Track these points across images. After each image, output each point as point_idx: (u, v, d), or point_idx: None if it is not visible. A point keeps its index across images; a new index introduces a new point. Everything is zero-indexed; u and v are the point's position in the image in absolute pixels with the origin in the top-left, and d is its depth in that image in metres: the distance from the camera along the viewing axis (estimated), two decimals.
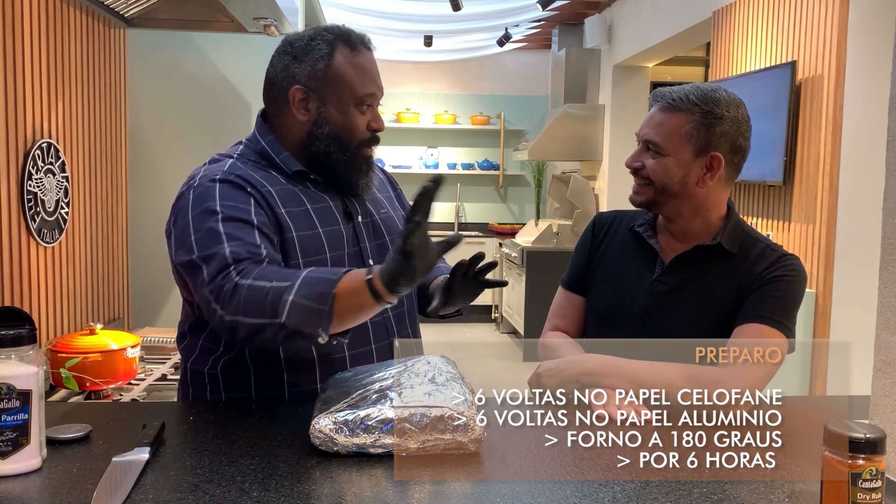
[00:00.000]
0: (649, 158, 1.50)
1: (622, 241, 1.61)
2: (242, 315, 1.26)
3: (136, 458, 1.11)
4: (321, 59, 1.46)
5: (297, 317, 1.24)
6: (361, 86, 1.47)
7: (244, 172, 1.44)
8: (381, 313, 1.49)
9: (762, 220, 3.76)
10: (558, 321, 1.63)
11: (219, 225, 1.34)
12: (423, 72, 7.73)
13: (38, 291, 2.63)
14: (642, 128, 1.52)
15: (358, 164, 1.51)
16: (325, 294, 1.24)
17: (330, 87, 1.46)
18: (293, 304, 1.23)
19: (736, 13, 4.05)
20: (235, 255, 1.30)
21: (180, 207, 1.41)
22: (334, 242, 1.46)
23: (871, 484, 0.96)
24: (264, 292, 1.25)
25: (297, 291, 1.24)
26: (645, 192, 1.52)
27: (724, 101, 1.48)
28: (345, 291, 1.25)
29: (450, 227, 7.78)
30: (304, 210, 1.46)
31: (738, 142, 1.49)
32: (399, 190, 1.75)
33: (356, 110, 1.48)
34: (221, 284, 1.28)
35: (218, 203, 1.37)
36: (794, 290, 1.48)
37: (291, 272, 1.29)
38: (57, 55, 2.75)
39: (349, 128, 1.48)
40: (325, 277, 1.26)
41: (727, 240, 1.51)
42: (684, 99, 1.47)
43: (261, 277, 1.27)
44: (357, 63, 1.47)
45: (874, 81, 2.96)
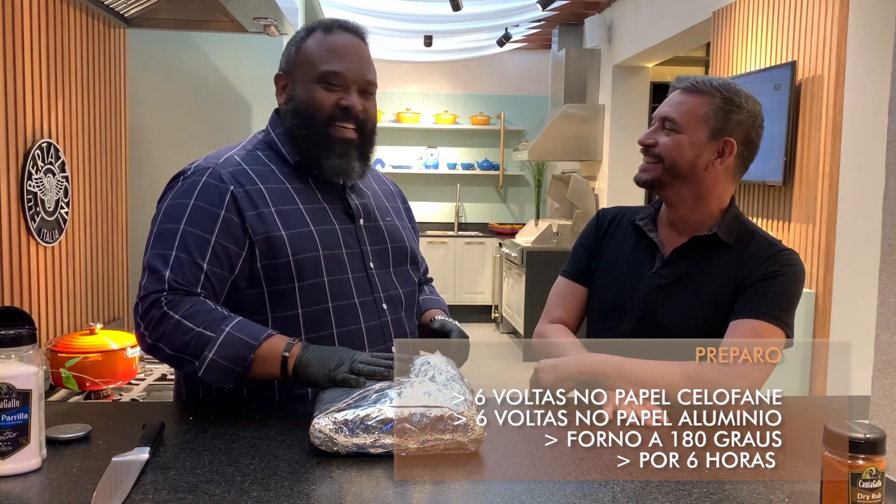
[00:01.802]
0: (663, 136, 1.51)
1: (624, 236, 1.61)
2: (164, 344, 1.35)
3: (136, 458, 1.11)
4: (295, 44, 1.51)
5: (214, 373, 1.32)
6: (323, 62, 1.47)
7: (238, 168, 1.45)
8: (377, 317, 1.49)
9: (762, 220, 3.76)
10: (558, 312, 1.63)
11: (177, 234, 1.38)
12: (423, 72, 7.73)
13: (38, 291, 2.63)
14: (661, 108, 1.54)
15: (329, 143, 1.48)
16: (242, 357, 1.32)
17: (297, 66, 1.50)
18: (211, 361, 1.31)
19: (736, 13, 4.05)
20: (172, 284, 1.35)
21: (168, 188, 1.47)
22: (328, 242, 1.46)
23: (871, 484, 0.96)
24: (190, 336, 1.32)
25: (218, 350, 1.31)
26: (652, 169, 1.52)
27: (744, 94, 1.51)
28: (261, 358, 1.32)
29: (450, 227, 7.79)
30: (296, 209, 1.46)
31: (750, 135, 1.51)
32: (408, 206, 1.74)
33: (319, 87, 1.47)
34: (150, 309, 1.34)
35: (191, 205, 1.40)
36: (792, 285, 1.48)
37: (218, 319, 1.34)
38: (57, 55, 2.75)
39: (311, 104, 1.47)
40: (245, 341, 1.32)
41: (724, 231, 1.51)
42: (707, 83, 1.50)
43: (189, 317, 1.33)
44: (327, 42, 1.49)
45: (874, 81, 2.96)
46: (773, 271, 1.47)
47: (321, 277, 1.43)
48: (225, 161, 1.46)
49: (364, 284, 1.49)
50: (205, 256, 1.37)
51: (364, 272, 1.49)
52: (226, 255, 1.39)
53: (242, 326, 1.33)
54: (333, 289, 1.45)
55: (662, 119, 1.52)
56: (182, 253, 1.37)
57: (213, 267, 1.38)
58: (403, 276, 1.59)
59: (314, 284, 1.43)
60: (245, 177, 1.44)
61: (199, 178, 1.43)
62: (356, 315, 1.47)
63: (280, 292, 1.42)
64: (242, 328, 1.33)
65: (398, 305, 1.55)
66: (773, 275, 1.47)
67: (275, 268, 1.41)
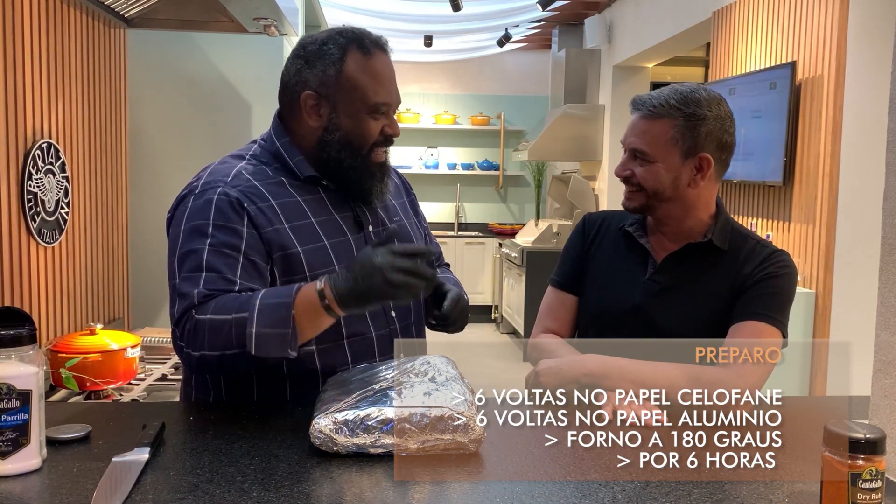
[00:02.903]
0: (638, 166, 1.50)
1: (613, 242, 1.60)
2: (209, 350, 1.30)
3: (136, 458, 1.11)
4: (332, 65, 1.43)
5: (266, 346, 1.27)
6: (374, 94, 1.44)
7: (248, 185, 1.42)
8: (386, 326, 1.48)
9: (762, 220, 3.76)
10: (549, 323, 1.62)
11: (203, 254, 1.34)
12: (423, 72, 7.73)
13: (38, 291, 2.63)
14: (626, 136, 1.52)
15: (371, 170, 1.47)
16: (284, 318, 1.27)
17: (341, 93, 1.43)
18: (259, 335, 1.27)
19: (736, 13, 4.05)
20: (200, 297, 1.31)
21: (178, 211, 1.42)
22: (342, 254, 1.44)
23: (871, 484, 0.96)
24: (227, 325, 1.28)
25: (259, 321, 1.27)
26: (637, 198, 1.52)
27: (706, 101, 1.47)
28: (301, 309, 1.28)
29: (450, 227, 7.79)
30: (308, 223, 1.44)
31: (723, 139, 1.49)
32: (413, 196, 1.72)
33: (369, 117, 1.44)
34: (185, 326, 1.31)
35: (211, 225, 1.36)
36: (787, 286, 1.49)
37: (245, 298, 1.30)
38: (57, 55, 2.75)
39: (361, 135, 1.45)
40: (280, 302, 1.28)
41: (718, 237, 1.51)
42: (665, 104, 1.46)
43: (219, 311, 1.29)
44: (369, 68, 1.44)
45: (874, 81, 2.96)
46: (769, 273, 1.48)
47: None
48: (234, 178, 1.42)
49: None
50: (235, 272, 1.34)
51: None
52: (255, 269, 1.36)
53: (272, 292, 1.31)
54: None
55: (632, 151, 1.50)
56: (211, 272, 1.33)
57: (244, 282, 1.35)
58: None
59: None
60: (256, 193, 1.41)
61: (211, 195, 1.39)
62: (366, 324, 1.46)
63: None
64: (272, 293, 1.30)
65: (407, 313, 1.54)
66: (770, 276, 1.47)
67: (292, 284, 1.38)
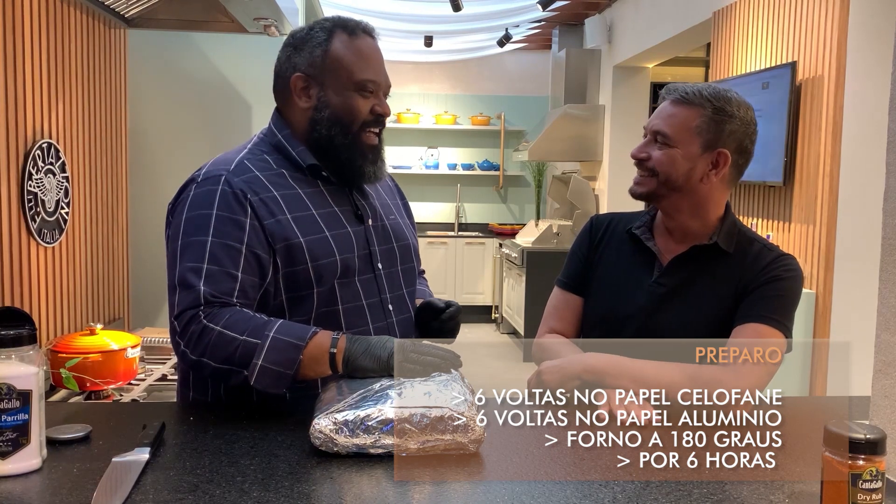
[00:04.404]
0: (656, 150, 1.50)
1: (620, 244, 1.61)
2: (209, 359, 1.32)
3: (136, 458, 1.11)
4: (319, 46, 1.47)
5: (264, 379, 1.31)
6: (360, 71, 1.46)
7: (250, 175, 1.43)
8: (384, 318, 1.49)
9: (762, 220, 3.76)
10: (555, 323, 1.63)
11: (206, 245, 1.35)
12: (423, 72, 7.73)
13: (38, 291, 2.63)
14: (652, 120, 1.53)
15: (362, 150, 1.49)
16: (292, 360, 1.30)
17: (328, 71, 1.46)
18: (262, 368, 1.30)
19: (736, 14, 4.05)
20: (207, 297, 1.33)
21: (181, 198, 1.43)
22: (343, 245, 1.46)
23: (872, 485, 0.96)
24: (235, 345, 1.30)
25: (266, 356, 1.30)
26: (647, 183, 1.52)
27: (736, 102, 1.49)
28: (309, 357, 1.31)
29: (450, 228, 7.79)
30: (309, 214, 1.45)
31: (744, 143, 1.50)
32: (406, 201, 1.74)
33: (356, 94, 1.47)
34: (189, 325, 1.32)
35: (214, 215, 1.38)
36: (792, 289, 1.49)
37: (261, 324, 1.32)
38: (57, 55, 2.75)
39: (349, 111, 1.47)
40: (292, 342, 1.31)
41: (724, 239, 1.51)
42: (697, 94, 1.48)
43: (230, 326, 1.31)
44: (355, 47, 1.47)
45: (874, 82, 2.96)
46: (774, 276, 1.48)
47: (335, 281, 1.43)
48: (237, 168, 1.43)
49: (371, 286, 1.49)
50: (238, 266, 1.35)
51: (372, 273, 1.49)
52: (257, 263, 1.38)
53: (287, 329, 1.33)
54: (343, 292, 1.45)
55: (654, 132, 1.50)
56: (214, 265, 1.34)
57: (246, 275, 1.36)
58: (409, 274, 1.59)
59: (330, 289, 1.43)
60: (259, 184, 1.42)
61: (213, 186, 1.40)
62: (364, 317, 1.47)
63: (298, 298, 1.42)
64: (287, 331, 1.32)
65: (404, 306, 1.55)
66: (775, 279, 1.47)
67: (294, 275, 1.40)
